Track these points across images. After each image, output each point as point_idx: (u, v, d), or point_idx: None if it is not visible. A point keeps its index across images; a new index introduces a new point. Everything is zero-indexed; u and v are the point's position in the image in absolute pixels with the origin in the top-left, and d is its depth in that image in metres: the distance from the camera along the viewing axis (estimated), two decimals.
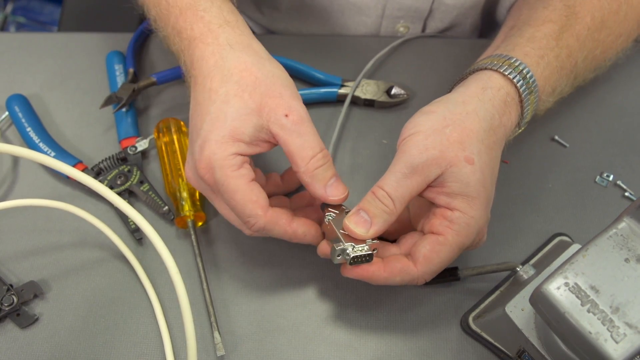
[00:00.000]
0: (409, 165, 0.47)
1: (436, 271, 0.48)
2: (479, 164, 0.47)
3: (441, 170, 0.46)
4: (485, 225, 0.49)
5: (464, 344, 0.52)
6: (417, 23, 0.74)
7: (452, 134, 0.47)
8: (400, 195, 0.47)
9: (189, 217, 0.56)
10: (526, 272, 0.50)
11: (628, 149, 0.62)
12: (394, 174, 0.47)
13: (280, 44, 0.69)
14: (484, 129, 0.48)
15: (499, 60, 0.51)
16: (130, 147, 0.61)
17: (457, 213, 0.47)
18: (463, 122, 0.48)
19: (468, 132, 0.47)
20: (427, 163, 0.46)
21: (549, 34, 0.54)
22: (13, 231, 0.58)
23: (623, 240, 0.40)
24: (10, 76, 0.68)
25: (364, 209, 0.47)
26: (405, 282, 0.48)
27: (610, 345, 0.37)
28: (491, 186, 0.49)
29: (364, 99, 0.65)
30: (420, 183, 0.47)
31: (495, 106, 0.50)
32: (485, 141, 0.48)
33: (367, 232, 0.47)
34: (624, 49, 0.60)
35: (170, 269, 0.46)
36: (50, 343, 0.52)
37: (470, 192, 0.47)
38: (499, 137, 0.50)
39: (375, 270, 0.47)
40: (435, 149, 0.46)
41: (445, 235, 0.47)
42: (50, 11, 1.81)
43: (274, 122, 0.47)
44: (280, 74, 0.50)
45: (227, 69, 0.49)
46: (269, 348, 0.52)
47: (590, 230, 0.57)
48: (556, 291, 0.39)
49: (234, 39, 0.51)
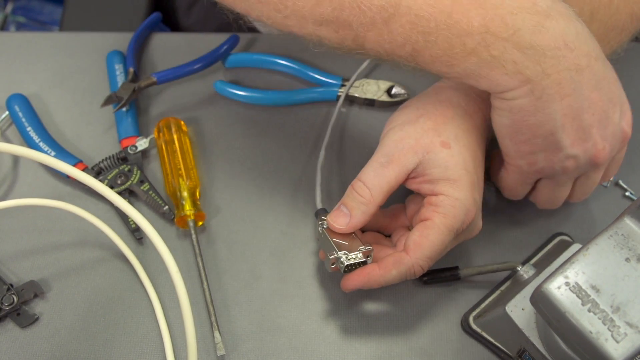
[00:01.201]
0: (385, 154, 0.48)
1: (429, 256, 0.47)
2: (456, 147, 0.47)
3: (418, 158, 0.47)
4: (473, 208, 0.48)
5: (465, 344, 0.52)
6: None
7: (426, 122, 0.48)
8: (377, 184, 0.47)
9: (190, 216, 0.56)
10: (526, 271, 0.50)
11: (628, 148, 0.62)
12: (371, 165, 0.48)
13: (281, 43, 0.69)
14: (459, 115, 0.49)
15: None
16: (130, 147, 0.61)
17: (441, 197, 0.47)
18: (437, 109, 0.49)
19: (443, 119, 0.48)
20: (403, 152, 0.47)
21: None
22: (13, 231, 0.58)
23: (624, 240, 0.40)
24: (10, 76, 0.68)
25: (344, 203, 0.49)
26: (402, 275, 0.48)
27: (610, 344, 0.37)
28: (474, 169, 0.48)
29: (364, 99, 0.64)
30: (397, 172, 0.47)
31: (470, 95, 0.50)
32: (462, 126, 0.49)
33: (347, 225, 0.48)
34: (620, 44, 0.60)
35: (171, 269, 0.45)
36: (50, 342, 0.52)
37: (451, 175, 0.47)
38: (478, 122, 0.50)
39: (370, 270, 0.48)
40: (411, 138, 0.47)
41: (432, 219, 0.47)
42: (51, 11, 1.81)
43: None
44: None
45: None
46: (269, 348, 0.52)
47: (590, 230, 0.57)
48: (557, 291, 0.39)
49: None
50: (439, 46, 0.41)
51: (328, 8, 0.42)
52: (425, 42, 0.41)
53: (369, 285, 0.48)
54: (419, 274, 0.48)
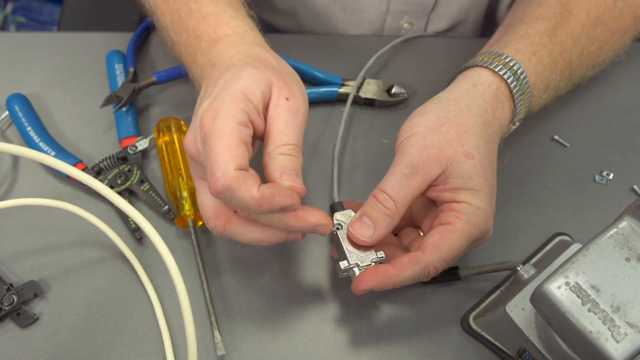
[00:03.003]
0: (409, 165, 0.47)
1: (445, 259, 0.47)
2: (478, 157, 0.47)
3: (442, 168, 0.47)
4: (491, 217, 0.48)
5: (465, 344, 0.52)
6: (420, 19, 0.74)
7: (448, 131, 0.48)
8: (402, 196, 0.46)
9: (190, 216, 0.56)
10: (527, 271, 0.50)
11: (628, 148, 0.62)
12: (395, 175, 0.47)
13: (281, 43, 0.69)
14: (479, 124, 0.49)
15: (490, 57, 0.52)
16: (130, 147, 0.61)
17: (464, 204, 0.47)
18: (457, 118, 0.48)
19: (464, 128, 0.48)
20: (427, 162, 0.46)
21: (542, 30, 0.54)
22: (13, 231, 0.58)
23: (624, 240, 0.40)
24: (10, 76, 0.68)
25: (367, 214, 0.47)
26: (417, 276, 0.47)
27: (611, 344, 0.37)
28: (492, 179, 0.49)
29: (364, 98, 0.65)
30: (421, 183, 0.47)
31: (487, 101, 0.50)
32: (481, 135, 0.49)
33: (371, 238, 0.47)
34: (623, 46, 0.60)
35: (171, 269, 0.45)
36: (50, 342, 0.52)
37: (474, 186, 0.47)
38: (494, 130, 0.50)
39: (384, 270, 0.46)
40: (434, 147, 0.47)
41: (453, 223, 0.46)
42: (50, 11, 1.81)
43: (273, 100, 0.47)
44: (297, 76, 0.50)
45: (249, 54, 0.49)
46: (269, 348, 0.52)
47: (590, 230, 0.57)
48: (557, 290, 0.39)
49: (259, 40, 0.52)
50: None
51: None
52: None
53: (382, 285, 0.46)
54: (432, 276, 0.48)
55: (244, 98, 0.44)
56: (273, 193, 0.42)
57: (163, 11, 0.56)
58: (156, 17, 0.58)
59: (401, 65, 0.69)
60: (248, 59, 0.48)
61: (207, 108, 0.45)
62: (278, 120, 0.46)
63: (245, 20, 0.53)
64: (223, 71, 0.47)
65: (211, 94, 0.46)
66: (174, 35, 0.56)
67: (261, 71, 0.46)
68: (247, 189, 0.42)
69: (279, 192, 0.43)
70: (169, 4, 0.55)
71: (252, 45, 0.50)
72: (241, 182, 0.41)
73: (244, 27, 0.52)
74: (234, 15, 0.53)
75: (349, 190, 0.60)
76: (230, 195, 0.42)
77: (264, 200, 0.42)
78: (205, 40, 0.51)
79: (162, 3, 0.56)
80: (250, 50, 0.49)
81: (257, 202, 0.42)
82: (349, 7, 0.73)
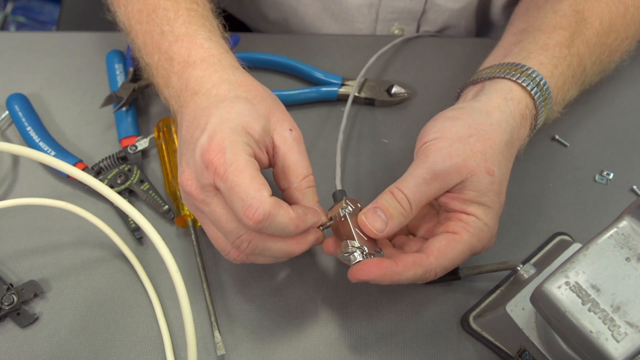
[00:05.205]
0: (431, 171, 0.47)
1: (447, 267, 0.47)
2: (498, 175, 0.48)
3: (461, 178, 0.47)
4: (495, 235, 0.50)
5: (465, 344, 0.52)
6: (411, 24, 0.74)
7: (475, 144, 0.48)
8: (418, 200, 0.47)
9: (190, 216, 0.56)
10: (527, 271, 0.50)
11: (628, 148, 0.62)
12: (415, 178, 0.47)
13: (280, 43, 0.69)
14: (505, 142, 0.49)
15: (516, 70, 0.52)
16: (130, 146, 0.61)
17: (473, 218, 0.47)
18: (487, 133, 0.48)
19: (491, 144, 0.48)
20: (449, 171, 0.47)
21: (561, 42, 0.54)
22: (13, 230, 0.58)
23: (624, 239, 0.40)
24: (10, 75, 0.68)
25: (382, 208, 0.47)
26: (417, 277, 0.46)
27: (611, 344, 0.37)
28: (504, 197, 0.49)
29: (364, 98, 0.65)
30: (438, 189, 0.47)
31: (515, 119, 0.50)
32: (505, 154, 0.49)
33: (382, 232, 0.46)
34: (629, 51, 0.60)
35: (171, 268, 0.45)
36: (50, 342, 0.52)
37: (487, 202, 0.47)
38: (515, 150, 0.51)
39: (390, 266, 0.45)
40: (459, 157, 0.47)
41: (461, 234, 0.47)
42: (50, 11, 1.81)
43: (279, 133, 0.48)
44: (279, 100, 0.51)
45: (234, 81, 0.49)
46: (269, 347, 0.52)
47: (590, 229, 0.57)
48: (557, 290, 0.39)
49: (236, 64, 0.52)
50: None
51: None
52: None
53: (381, 279, 0.45)
54: (430, 280, 0.48)
55: (246, 133, 0.45)
56: (305, 212, 0.46)
57: (137, 32, 0.56)
58: (130, 37, 0.57)
59: (401, 65, 0.69)
60: (237, 89, 0.48)
61: (207, 144, 0.44)
62: (291, 152, 0.48)
63: (219, 42, 0.53)
64: (212, 102, 0.47)
65: (205, 127, 0.45)
66: (146, 56, 0.55)
67: (255, 105, 0.47)
68: (286, 212, 0.44)
69: (308, 211, 0.46)
70: (142, 25, 0.55)
71: (232, 70, 0.50)
72: (279, 206, 0.43)
73: (219, 50, 0.52)
74: (208, 37, 0.52)
75: (349, 190, 0.59)
76: (271, 222, 0.43)
77: (299, 220, 0.45)
78: (179, 62, 0.51)
79: (136, 24, 0.56)
80: (232, 76, 0.49)
81: (294, 222, 0.44)
82: (339, 17, 0.73)
